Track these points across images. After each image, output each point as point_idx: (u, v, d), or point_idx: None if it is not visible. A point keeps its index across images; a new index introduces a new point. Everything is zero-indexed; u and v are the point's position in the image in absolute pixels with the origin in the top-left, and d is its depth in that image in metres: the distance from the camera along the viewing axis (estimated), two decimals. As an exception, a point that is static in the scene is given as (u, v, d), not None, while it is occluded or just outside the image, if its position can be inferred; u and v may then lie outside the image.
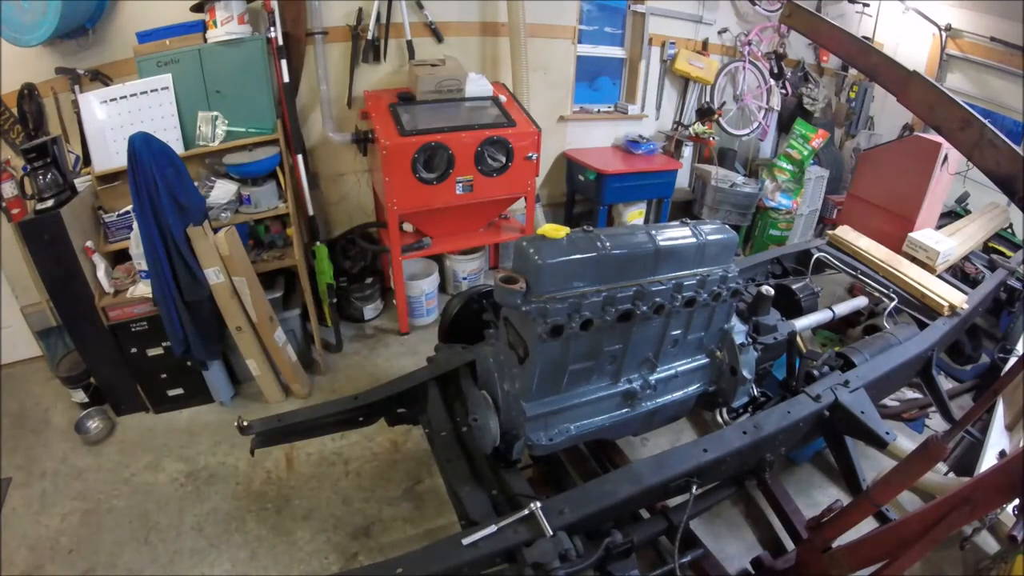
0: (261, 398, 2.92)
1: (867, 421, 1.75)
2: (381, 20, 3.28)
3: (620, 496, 1.44)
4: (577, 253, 1.39)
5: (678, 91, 4.74)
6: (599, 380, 1.64)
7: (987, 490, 1.30)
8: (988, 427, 2.37)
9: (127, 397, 2.84)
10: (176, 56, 2.80)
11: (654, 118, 4.73)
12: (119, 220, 2.72)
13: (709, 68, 4.56)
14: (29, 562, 2.13)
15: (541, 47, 3.80)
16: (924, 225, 3.04)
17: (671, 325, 1.65)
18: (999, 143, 1.16)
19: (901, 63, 1.34)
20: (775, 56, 4.79)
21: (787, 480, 2.39)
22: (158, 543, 2.21)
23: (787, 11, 1.59)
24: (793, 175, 4.67)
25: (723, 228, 1.68)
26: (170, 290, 2.49)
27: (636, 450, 2.59)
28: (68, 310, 2.62)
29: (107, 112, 2.75)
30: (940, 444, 1.38)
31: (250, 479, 2.48)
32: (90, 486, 2.46)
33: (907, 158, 3.08)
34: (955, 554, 2.11)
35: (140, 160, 2.29)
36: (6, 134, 2.85)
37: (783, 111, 5.08)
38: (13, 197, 2.52)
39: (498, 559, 1.30)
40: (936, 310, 2.36)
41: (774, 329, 1.99)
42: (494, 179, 3.24)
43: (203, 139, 2.93)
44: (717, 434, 1.67)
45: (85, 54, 2.83)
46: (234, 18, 2.79)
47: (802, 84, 5.02)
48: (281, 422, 1.76)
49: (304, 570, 2.11)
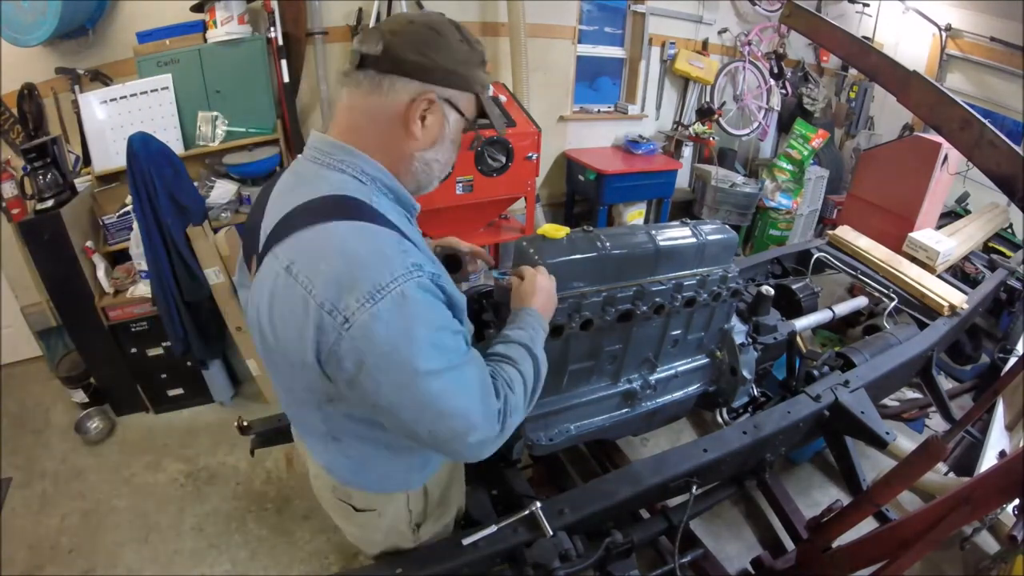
0: (261, 398, 2.92)
1: (867, 421, 1.75)
2: (381, 20, 3.29)
3: (620, 496, 1.44)
4: (577, 253, 1.39)
5: (678, 91, 4.74)
6: (599, 380, 1.64)
7: (987, 490, 1.30)
8: (988, 427, 2.37)
9: (127, 397, 2.84)
10: (176, 56, 2.80)
11: (654, 118, 4.73)
12: (119, 220, 2.72)
13: (709, 68, 4.56)
14: (29, 562, 2.13)
15: (541, 47, 3.79)
16: (924, 225, 3.04)
17: (671, 325, 1.65)
18: (999, 143, 1.16)
19: (901, 63, 1.34)
20: (775, 56, 4.79)
21: (787, 480, 2.39)
22: (158, 543, 2.21)
23: (787, 11, 1.59)
24: (793, 175, 4.67)
25: (723, 228, 1.67)
26: (170, 290, 2.49)
27: (636, 450, 2.59)
28: (68, 310, 2.62)
29: (107, 112, 2.75)
30: (940, 444, 1.38)
31: (250, 479, 2.48)
32: (90, 486, 2.46)
33: (907, 158, 3.08)
34: (955, 554, 2.11)
35: (138, 160, 2.29)
36: (6, 134, 2.85)
37: (783, 111, 5.08)
38: (13, 197, 2.51)
39: (498, 559, 1.30)
40: (936, 310, 2.36)
41: (774, 329, 1.99)
42: (494, 179, 3.24)
43: (203, 139, 2.93)
44: (717, 434, 1.67)
45: (85, 54, 2.83)
46: (234, 18, 2.79)
47: (802, 84, 5.02)
48: (281, 422, 1.76)
49: (304, 570, 2.11)
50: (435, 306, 0.83)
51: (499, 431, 0.90)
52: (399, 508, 1.18)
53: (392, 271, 0.78)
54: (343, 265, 0.78)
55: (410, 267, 0.80)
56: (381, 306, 0.77)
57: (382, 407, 0.84)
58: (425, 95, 0.88)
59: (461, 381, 0.85)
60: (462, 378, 0.86)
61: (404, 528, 1.22)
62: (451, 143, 0.96)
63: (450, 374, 0.83)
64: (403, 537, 1.24)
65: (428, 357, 0.80)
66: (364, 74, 0.88)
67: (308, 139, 0.96)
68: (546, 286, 1.19)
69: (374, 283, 0.77)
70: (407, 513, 1.19)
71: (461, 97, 0.93)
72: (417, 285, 0.80)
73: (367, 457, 1.07)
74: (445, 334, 0.84)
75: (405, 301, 0.78)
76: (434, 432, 0.85)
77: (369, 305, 0.76)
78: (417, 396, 0.82)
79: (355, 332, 0.77)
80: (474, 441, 0.87)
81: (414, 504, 1.19)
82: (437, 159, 0.96)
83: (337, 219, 0.81)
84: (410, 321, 0.79)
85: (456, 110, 0.93)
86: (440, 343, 0.83)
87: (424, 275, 0.81)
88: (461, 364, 0.86)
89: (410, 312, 0.79)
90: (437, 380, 0.82)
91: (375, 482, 1.12)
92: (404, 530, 1.22)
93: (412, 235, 0.90)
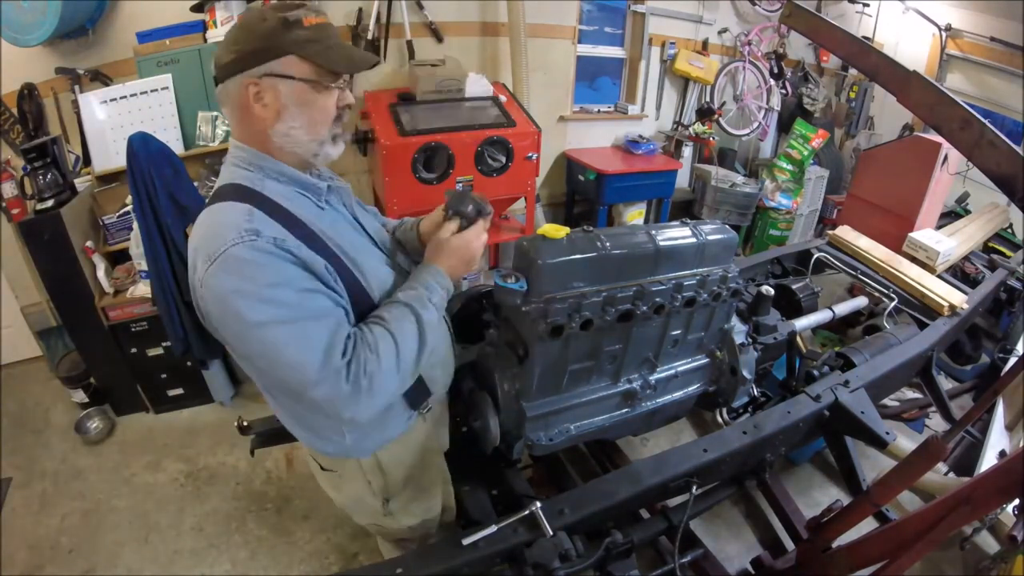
0: (261, 398, 2.87)
1: (867, 421, 1.75)
2: (381, 20, 3.28)
3: (620, 496, 1.44)
4: (577, 253, 1.38)
5: (678, 91, 4.74)
6: (599, 380, 1.64)
7: (987, 490, 1.30)
8: (988, 427, 2.37)
9: (127, 397, 2.84)
10: (176, 56, 2.81)
11: (654, 118, 4.73)
12: (119, 220, 2.72)
13: (709, 68, 4.56)
14: (29, 562, 2.13)
15: (541, 47, 3.79)
16: (924, 225, 3.04)
17: (671, 325, 1.64)
18: (999, 143, 1.16)
19: (901, 63, 1.34)
20: (775, 56, 4.79)
21: (787, 480, 2.39)
22: (158, 543, 2.21)
23: (787, 11, 1.59)
24: (793, 175, 4.67)
25: (723, 228, 1.67)
26: (170, 290, 2.48)
27: (636, 450, 2.59)
28: (68, 310, 2.63)
29: (107, 112, 2.75)
30: (940, 444, 1.38)
31: (250, 479, 2.49)
32: (90, 486, 2.46)
33: (907, 158, 3.08)
34: (955, 554, 2.11)
35: (138, 160, 2.29)
36: (6, 134, 2.85)
37: (783, 111, 5.08)
38: (13, 197, 2.52)
39: (498, 559, 1.30)
40: (936, 310, 2.36)
41: (774, 329, 1.99)
42: (494, 179, 3.24)
43: (203, 139, 2.93)
44: (717, 434, 1.67)
45: (85, 54, 2.83)
46: (234, 18, 2.80)
47: (802, 84, 5.02)
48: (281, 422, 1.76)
49: (304, 570, 2.11)
50: (269, 266, 0.92)
51: (353, 389, 0.95)
52: (355, 475, 1.27)
53: (224, 238, 0.91)
54: (199, 237, 0.96)
55: (243, 233, 0.91)
56: (214, 267, 0.90)
57: (242, 356, 1.03)
58: (245, 82, 0.98)
59: (297, 334, 0.92)
60: (299, 332, 0.93)
61: (371, 499, 1.29)
62: (297, 108, 1.02)
63: (285, 327, 0.92)
64: (375, 511, 1.32)
65: (256, 309, 0.91)
66: (217, 90, 1.03)
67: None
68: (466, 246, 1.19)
69: (212, 249, 0.91)
70: (366, 483, 1.28)
71: (279, 65, 0.98)
72: (250, 247, 0.91)
73: (296, 414, 1.21)
74: (281, 290, 0.92)
75: (232, 261, 0.90)
76: (284, 382, 0.99)
77: (208, 266, 0.91)
78: (254, 345, 0.94)
79: (204, 292, 0.94)
80: (321, 396, 0.95)
81: (371, 476, 1.27)
82: (292, 126, 1.02)
83: (216, 202, 1.00)
84: (237, 278, 0.90)
85: (282, 77, 0.99)
86: (273, 298, 0.91)
87: (260, 239, 0.91)
88: (300, 319, 0.93)
89: (237, 270, 0.90)
90: (269, 331, 0.91)
91: (316, 442, 1.24)
92: (371, 502, 1.30)
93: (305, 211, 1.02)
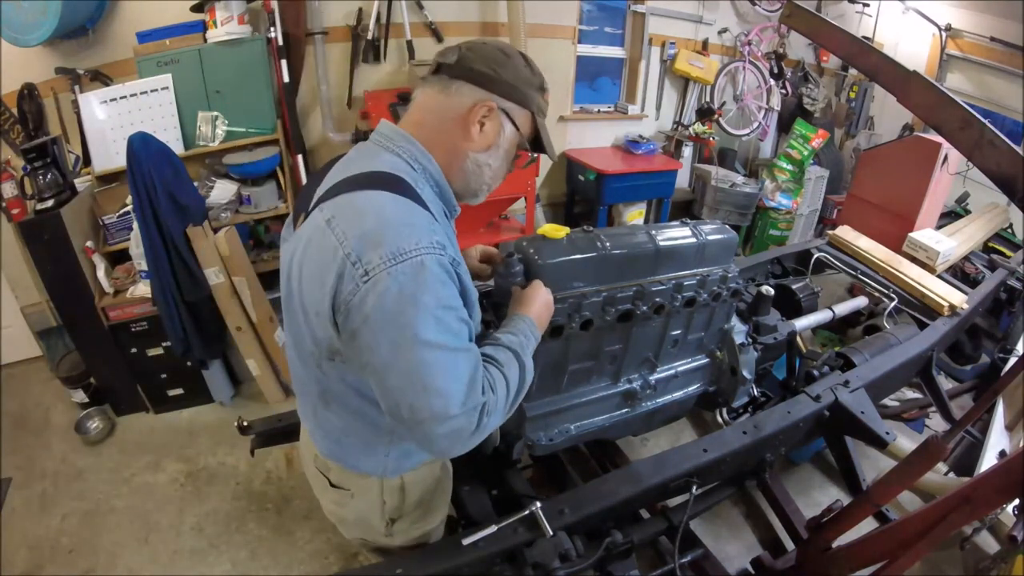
0: (261, 398, 2.92)
1: (867, 421, 1.75)
2: (381, 20, 3.28)
3: (620, 496, 1.44)
4: (577, 253, 1.38)
5: (678, 91, 4.74)
6: (599, 380, 1.64)
7: (987, 490, 1.30)
8: (988, 427, 2.36)
9: (127, 397, 2.84)
10: (176, 56, 2.80)
11: (654, 118, 4.73)
12: (119, 220, 2.72)
13: (709, 68, 4.56)
14: (29, 562, 2.13)
15: (541, 47, 3.79)
16: (924, 225, 3.04)
17: (671, 325, 1.65)
18: (999, 143, 1.16)
19: (901, 63, 1.34)
20: (775, 56, 4.80)
21: (787, 480, 2.39)
22: (158, 543, 2.21)
23: (787, 11, 1.59)
24: (793, 175, 4.67)
25: (723, 228, 1.67)
26: (170, 290, 2.49)
27: (636, 450, 2.59)
28: (68, 310, 2.63)
29: (107, 112, 2.75)
30: (940, 444, 1.38)
31: (250, 479, 2.48)
32: (90, 486, 2.46)
33: (907, 158, 3.08)
34: (955, 554, 2.11)
35: (138, 160, 2.29)
36: (6, 134, 2.85)
37: (783, 111, 5.08)
38: (13, 197, 2.51)
39: (498, 559, 1.30)
40: (936, 310, 2.36)
41: (774, 329, 1.99)
42: (494, 179, 3.24)
43: (203, 139, 2.93)
44: (717, 434, 1.67)
45: (85, 54, 2.83)
46: (234, 18, 2.80)
47: (802, 84, 5.02)
48: (281, 422, 1.76)
49: (304, 570, 2.11)
50: (448, 285, 0.88)
51: (475, 427, 0.91)
52: (372, 495, 1.18)
53: (418, 241, 0.84)
54: (375, 225, 0.85)
55: (435, 243, 0.86)
56: (400, 268, 0.82)
57: (374, 367, 0.88)
58: (486, 101, 0.98)
59: (453, 364, 0.88)
60: (454, 361, 0.88)
61: (376, 520, 1.22)
62: (504, 153, 1.04)
63: (444, 353, 0.86)
64: (375, 530, 1.24)
65: (429, 327, 0.84)
66: (437, 78, 0.99)
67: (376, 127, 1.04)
68: (546, 298, 1.23)
69: (399, 247, 0.83)
70: (380, 503, 1.19)
71: (519, 112, 1.02)
72: (436, 261, 0.86)
73: (349, 428, 1.10)
74: (450, 314, 0.88)
75: (423, 270, 0.84)
76: (414, 407, 0.87)
77: (389, 264, 0.82)
78: (409, 361, 0.85)
79: (371, 286, 0.83)
80: (448, 430, 0.88)
81: (388, 496, 1.19)
82: (489, 164, 1.03)
83: (381, 189, 0.90)
84: (421, 289, 0.83)
85: (512, 123, 1.02)
86: (443, 320, 0.86)
87: (445, 256, 0.87)
88: (457, 349, 0.89)
89: (424, 281, 0.84)
90: (431, 352, 0.85)
91: (351, 457, 1.15)
92: (376, 523, 1.22)
93: (446, 228, 0.97)
